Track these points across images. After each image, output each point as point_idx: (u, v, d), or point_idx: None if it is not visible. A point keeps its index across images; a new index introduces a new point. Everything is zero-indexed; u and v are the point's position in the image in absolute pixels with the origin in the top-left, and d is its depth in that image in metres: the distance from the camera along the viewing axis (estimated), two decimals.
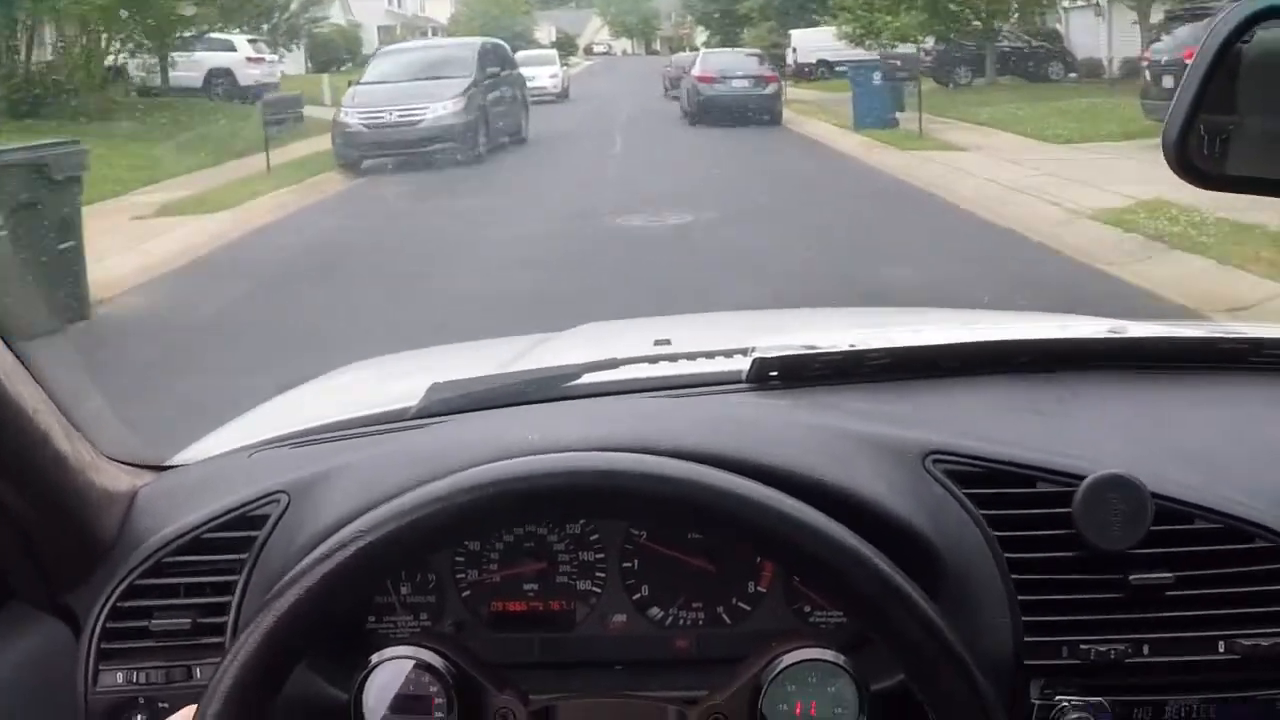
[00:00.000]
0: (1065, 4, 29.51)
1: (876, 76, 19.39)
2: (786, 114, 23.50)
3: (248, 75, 28.18)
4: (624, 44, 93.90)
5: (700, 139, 20.65)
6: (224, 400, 2.36)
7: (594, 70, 61.24)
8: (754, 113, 22.49)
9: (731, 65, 24.49)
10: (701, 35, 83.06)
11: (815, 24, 40.22)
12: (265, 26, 31.71)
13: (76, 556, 1.24)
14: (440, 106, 17.42)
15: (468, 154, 16.77)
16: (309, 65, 41.00)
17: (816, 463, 1.18)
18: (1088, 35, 30.95)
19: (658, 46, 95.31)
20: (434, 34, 60.60)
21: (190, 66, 26.58)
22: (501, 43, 21.76)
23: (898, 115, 18.78)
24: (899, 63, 19.67)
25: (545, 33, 62.31)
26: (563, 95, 35.27)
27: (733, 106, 22.58)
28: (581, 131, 22.39)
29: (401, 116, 17.36)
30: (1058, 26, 31.84)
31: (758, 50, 29.54)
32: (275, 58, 29.55)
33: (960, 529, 1.20)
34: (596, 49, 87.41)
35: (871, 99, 19.18)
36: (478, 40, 21.48)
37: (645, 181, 14.59)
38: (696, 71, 23.89)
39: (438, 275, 9.23)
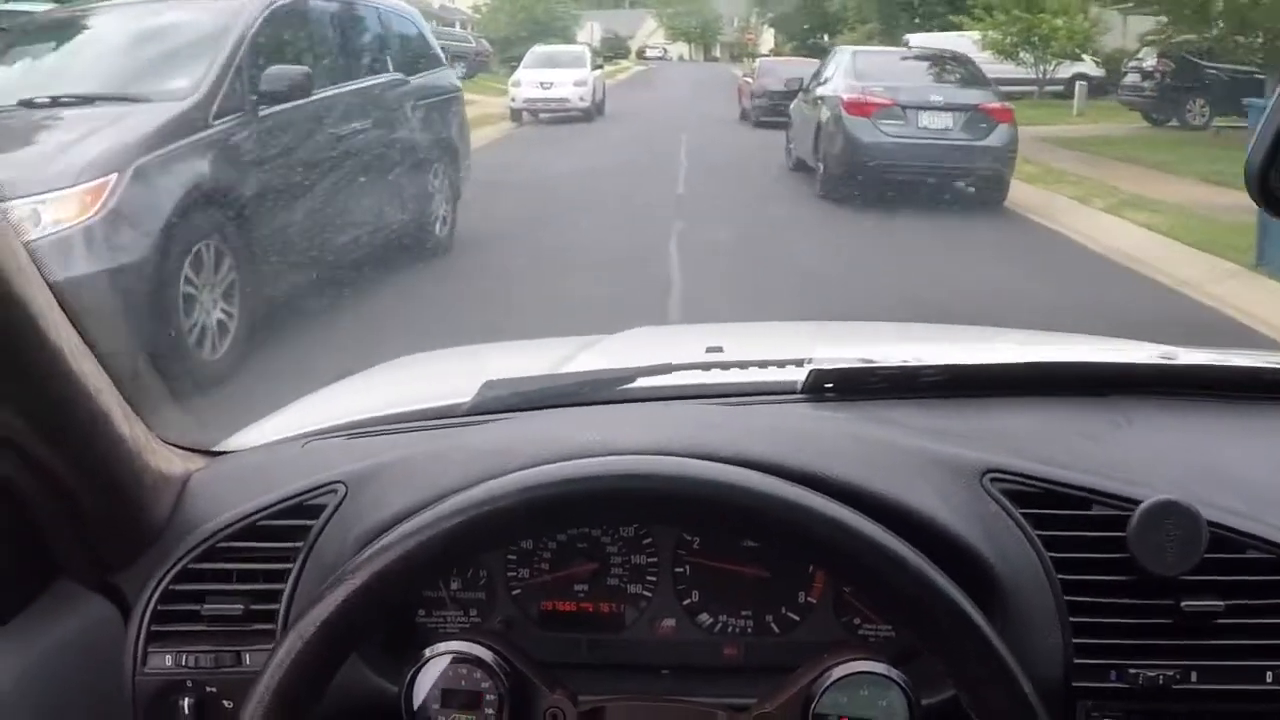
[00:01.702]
0: None
1: None
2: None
3: None
4: (680, 48, 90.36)
5: (886, 261, 8.78)
6: None
7: (645, 77, 50.71)
8: (960, 179, 11.42)
9: (917, 83, 12.27)
10: (768, 41, 71.51)
11: (944, 27, 30.12)
12: None
13: (128, 538, 1.24)
14: None
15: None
16: None
17: (875, 476, 1.18)
18: None
19: (717, 53, 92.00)
20: (462, 27, 50.08)
21: None
22: (372, 3, 7.93)
23: None
24: None
25: (588, 33, 49.97)
26: (594, 112, 25.90)
27: (926, 168, 11.17)
28: (592, 213, 10.31)
29: None
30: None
31: (952, 51, 15.00)
32: None
33: (1015, 548, 1.20)
34: (650, 53, 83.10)
35: None
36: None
37: None
38: (842, 91, 9.48)
39: None
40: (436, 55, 8.36)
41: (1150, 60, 20.87)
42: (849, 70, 11.53)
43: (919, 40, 33.02)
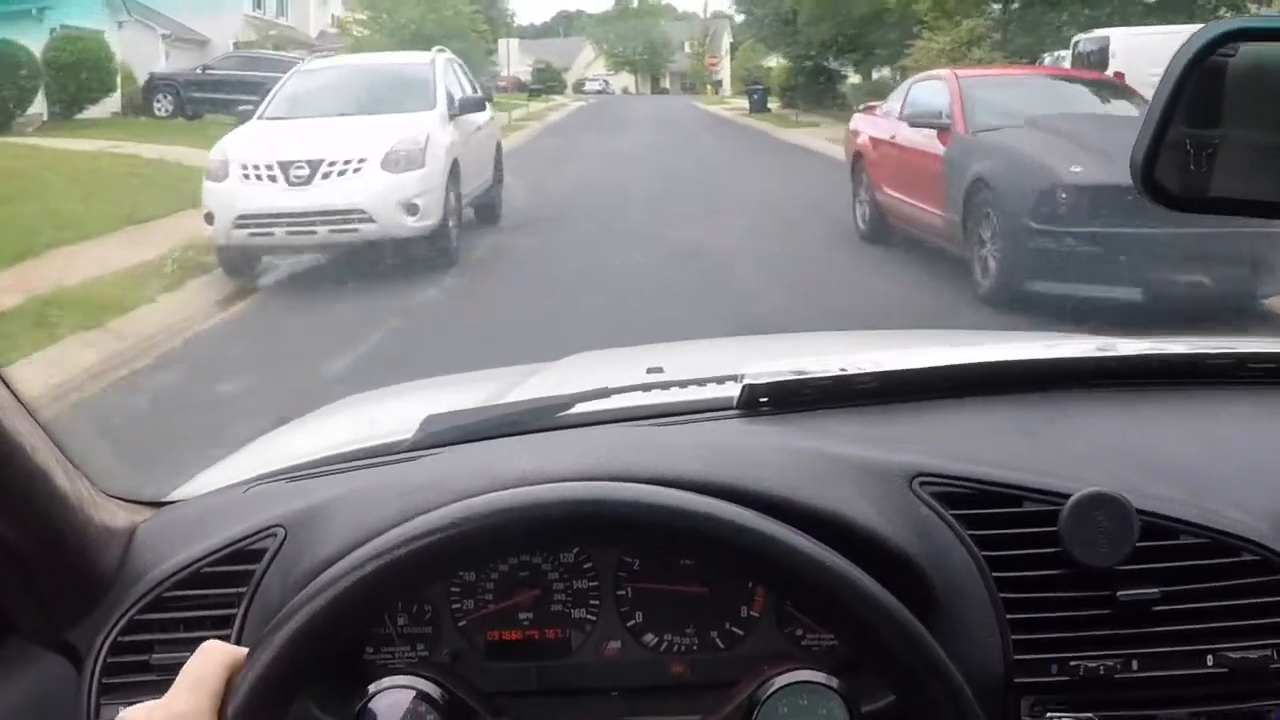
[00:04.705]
0: None
1: None
2: None
3: None
4: (624, 80, 77.54)
5: None
6: None
7: (588, 118, 36.59)
8: None
9: None
10: (726, 65, 58.61)
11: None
12: None
13: (77, 593, 1.35)
14: None
15: None
16: None
17: (804, 487, 1.27)
18: None
19: (666, 83, 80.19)
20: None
21: None
22: None
23: None
24: None
25: (505, 56, 33.43)
26: (455, 240, 9.22)
27: None
28: None
29: None
30: None
31: None
32: None
33: (948, 550, 1.29)
34: (589, 86, 70.94)
35: None
36: None
37: None
38: None
39: None
40: None
41: None
42: None
43: (1125, 39, 16.17)
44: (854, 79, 37.56)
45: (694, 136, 25.63)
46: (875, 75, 34.30)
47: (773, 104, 38.94)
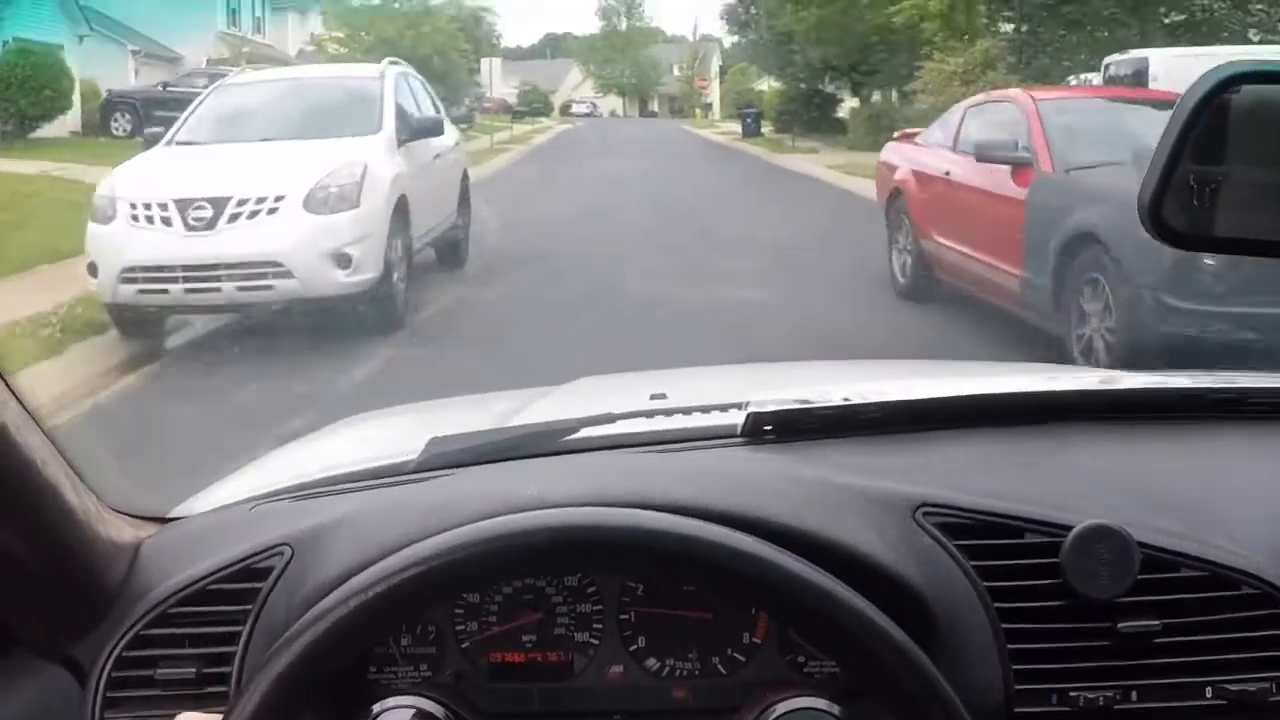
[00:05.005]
0: None
1: None
2: None
3: None
4: (612, 103, 76.76)
5: None
6: None
7: (570, 141, 35.57)
8: None
9: None
10: (716, 88, 59.08)
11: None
12: None
13: (82, 607, 1.40)
14: None
15: None
16: None
17: (808, 516, 1.31)
18: None
19: (655, 106, 79.74)
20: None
21: None
22: None
23: None
24: None
25: (488, 75, 31.81)
26: (402, 303, 6.85)
27: None
28: None
29: None
30: None
31: None
32: None
33: (950, 580, 1.34)
34: (577, 107, 70.51)
35: None
36: None
37: None
38: None
39: None
40: None
41: None
42: None
43: (1168, 59, 14.12)
44: (851, 103, 36.57)
45: (687, 163, 24.53)
46: (873, 99, 33.41)
47: (765, 128, 38.23)
